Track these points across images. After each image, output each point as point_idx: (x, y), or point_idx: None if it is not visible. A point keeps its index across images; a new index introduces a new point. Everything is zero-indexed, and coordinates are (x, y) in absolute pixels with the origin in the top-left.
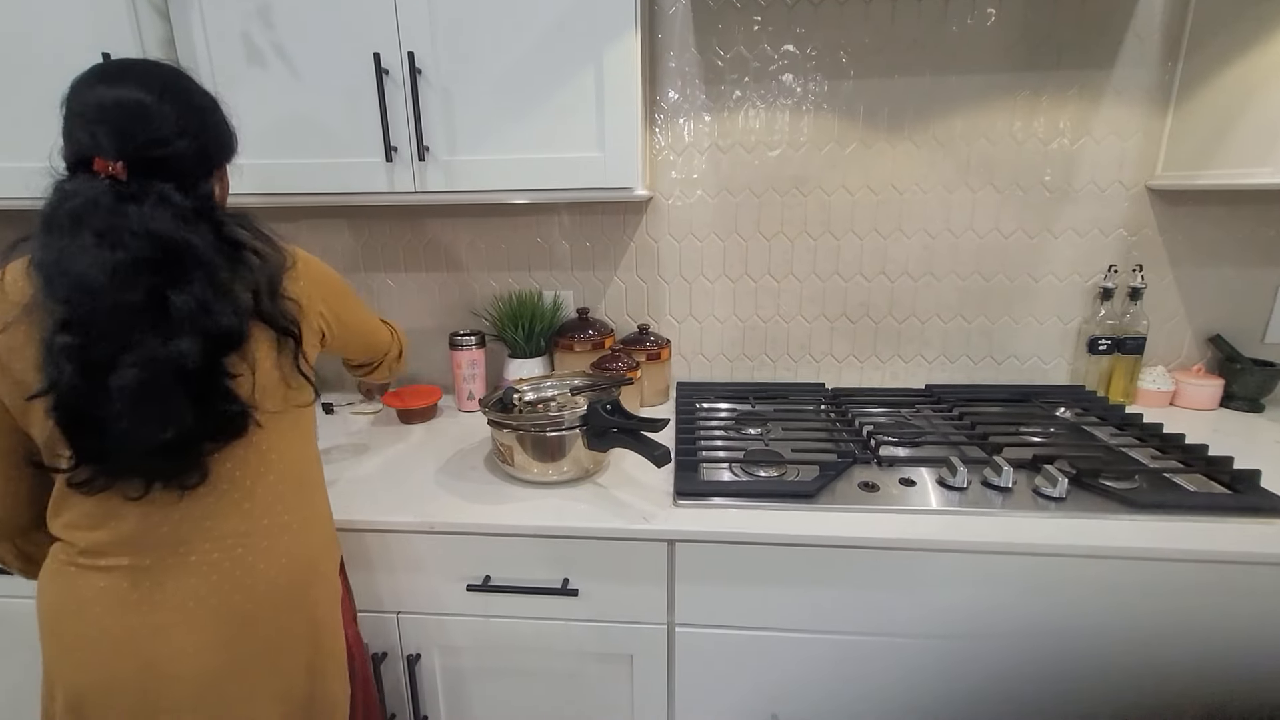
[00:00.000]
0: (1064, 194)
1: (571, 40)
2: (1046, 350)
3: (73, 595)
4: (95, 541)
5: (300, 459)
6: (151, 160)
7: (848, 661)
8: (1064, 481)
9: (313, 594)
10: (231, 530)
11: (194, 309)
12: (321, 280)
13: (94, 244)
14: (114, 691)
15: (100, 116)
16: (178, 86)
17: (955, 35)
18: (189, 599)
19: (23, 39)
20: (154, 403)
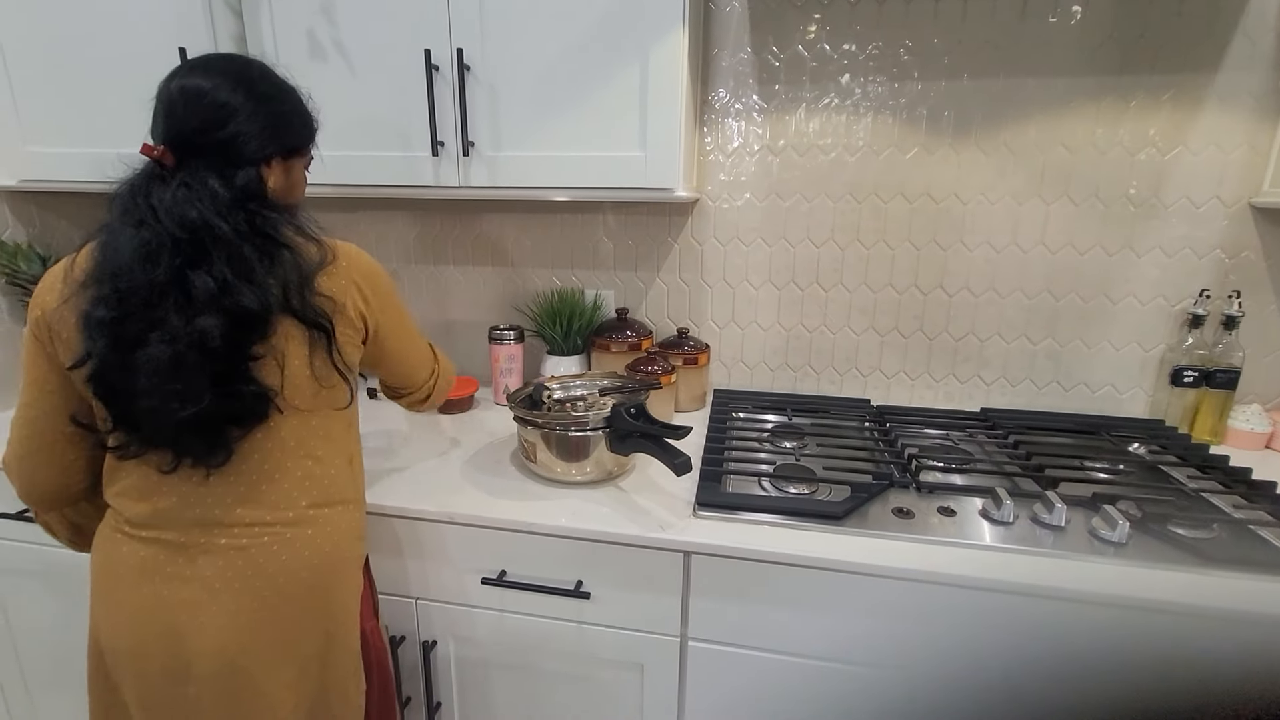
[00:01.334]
0: (1151, 209)
1: (616, 39)
2: (1123, 379)
3: (118, 560)
4: (139, 513)
5: (329, 459)
6: (199, 145)
7: (866, 696)
8: (1124, 525)
9: (332, 591)
10: (258, 518)
11: (214, 289)
12: (366, 278)
13: (131, 225)
14: (143, 655)
15: (163, 104)
16: (243, 76)
17: (1034, 35)
18: (216, 579)
19: (106, 35)
20: (175, 379)
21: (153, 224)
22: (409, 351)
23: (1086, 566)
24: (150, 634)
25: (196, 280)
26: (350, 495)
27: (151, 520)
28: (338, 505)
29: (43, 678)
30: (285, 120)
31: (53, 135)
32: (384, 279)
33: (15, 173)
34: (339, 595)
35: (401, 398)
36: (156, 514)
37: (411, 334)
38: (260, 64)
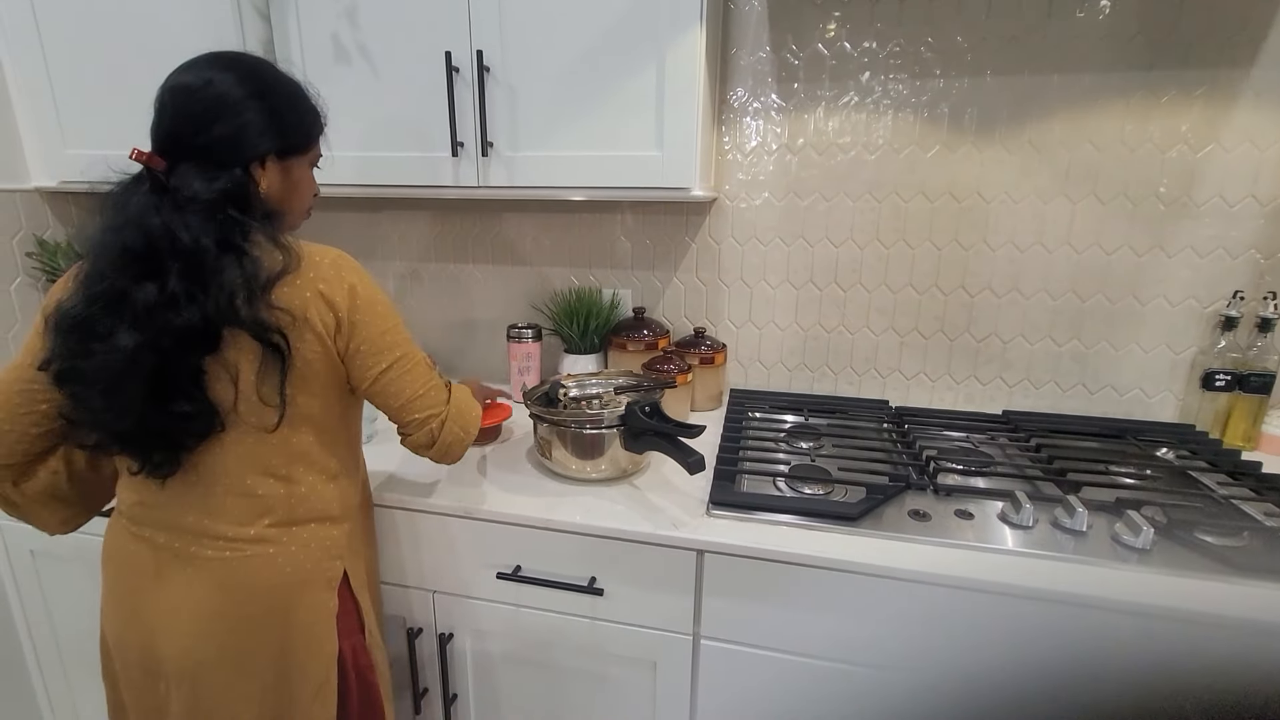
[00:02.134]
0: (1182, 208)
1: (634, 39)
2: (1151, 382)
3: (117, 552)
4: (131, 506)
5: (299, 476)
6: (187, 146)
7: (877, 698)
8: (1149, 531)
9: (291, 613)
10: (220, 532)
11: (153, 303)
12: (336, 286)
13: (111, 230)
14: (125, 647)
15: (156, 106)
16: (234, 71)
17: (1060, 31)
18: (185, 588)
19: (141, 42)
20: (113, 393)
21: (124, 231)
22: (398, 379)
23: (1108, 572)
24: (131, 629)
25: (140, 293)
26: (329, 512)
27: (139, 515)
28: (308, 524)
29: (79, 660)
30: (279, 117)
31: (91, 138)
32: (362, 290)
33: (56, 174)
34: (299, 616)
35: (403, 438)
36: (142, 509)
37: (403, 359)
38: (257, 59)
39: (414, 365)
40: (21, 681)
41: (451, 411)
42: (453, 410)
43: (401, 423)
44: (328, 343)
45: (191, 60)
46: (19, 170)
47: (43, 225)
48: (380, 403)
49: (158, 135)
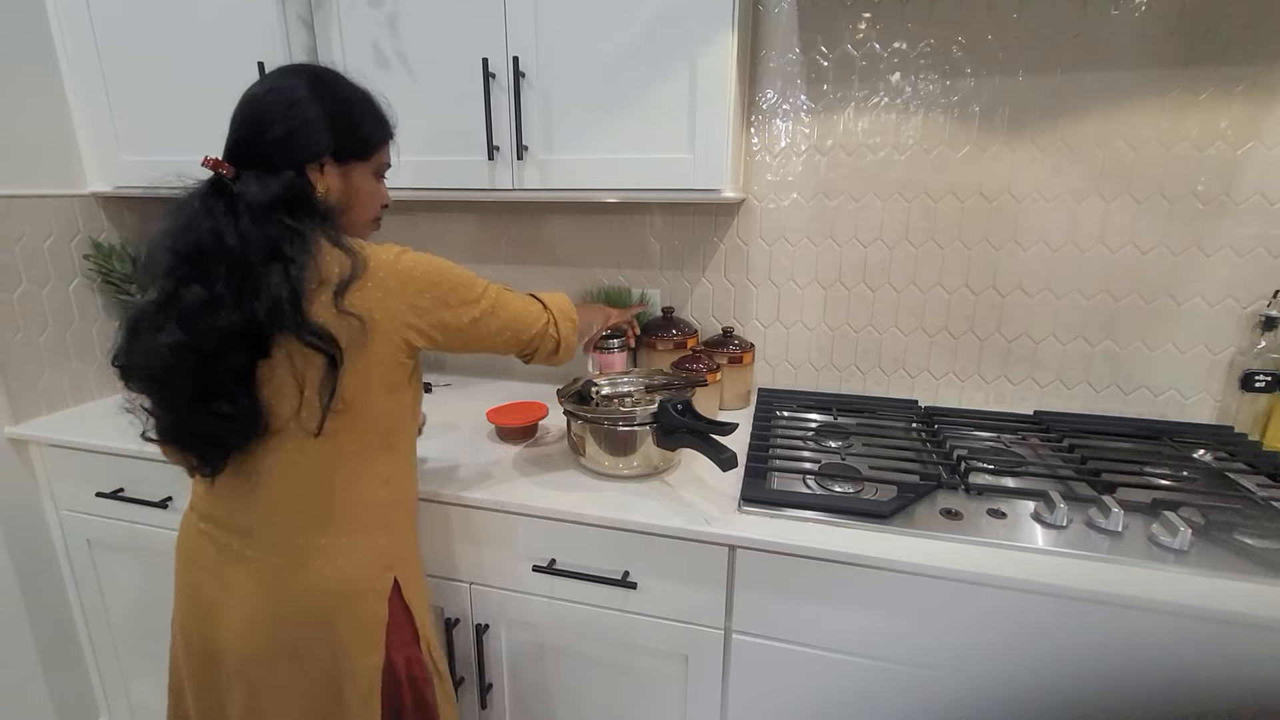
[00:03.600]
0: (1221, 206)
1: (666, 43)
2: (1188, 383)
3: (186, 543)
4: (199, 500)
5: (353, 485)
6: (250, 152)
7: (909, 695)
8: (1186, 532)
9: (338, 625)
10: (274, 538)
11: (198, 305)
12: (406, 282)
13: (170, 234)
14: (192, 636)
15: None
16: (298, 80)
17: (1094, 28)
18: (240, 588)
19: (192, 51)
20: (160, 389)
21: (177, 234)
22: (492, 330)
23: (1145, 573)
24: (196, 620)
25: (187, 294)
26: (380, 521)
27: (202, 511)
28: (359, 534)
29: (131, 644)
30: (337, 121)
31: (144, 144)
32: (429, 275)
33: (111, 179)
34: (346, 627)
35: (529, 359)
36: (204, 506)
37: (491, 308)
38: (323, 69)
39: (499, 299)
40: (77, 664)
41: (554, 312)
42: (554, 310)
43: (524, 346)
44: (400, 341)
45: (266, 74)
46: (76, 176)
47: (98, 229)
48: (491, 346)
49: (227, 143)
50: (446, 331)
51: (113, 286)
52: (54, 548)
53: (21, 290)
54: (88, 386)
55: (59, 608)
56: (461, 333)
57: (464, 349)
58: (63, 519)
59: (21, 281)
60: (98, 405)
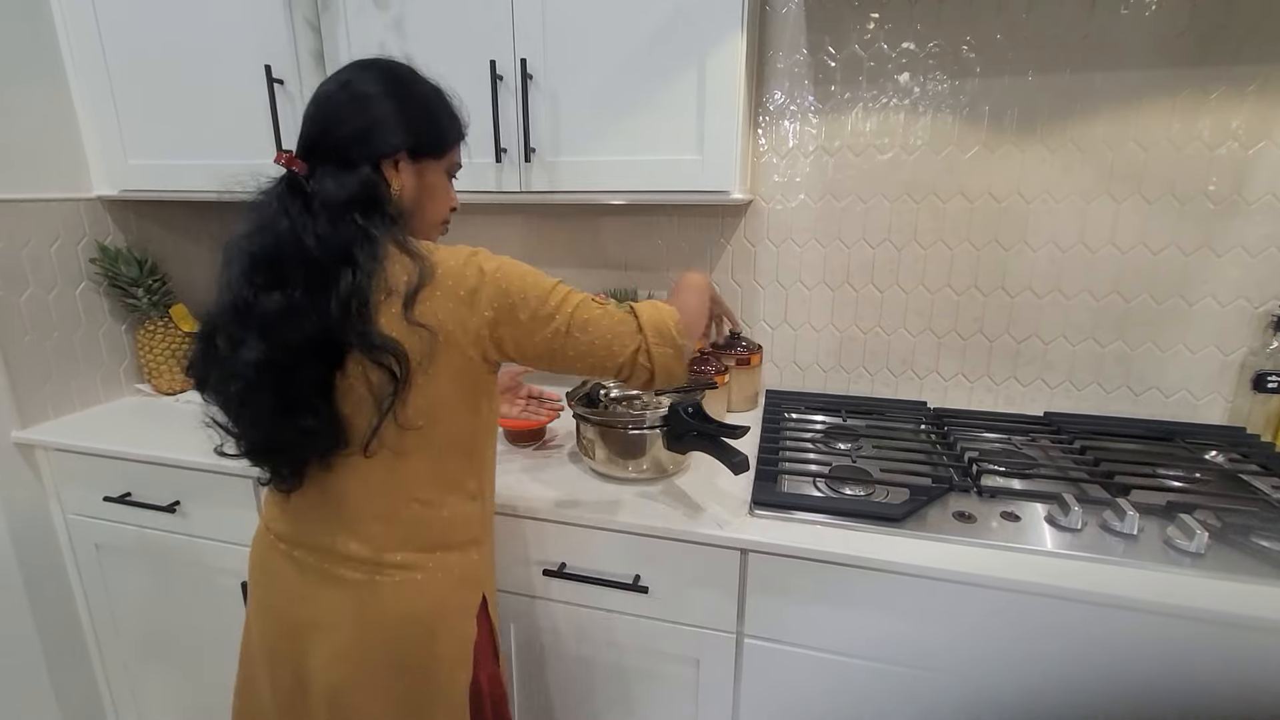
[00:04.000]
0: (1233, 206)
1: (675, 44)
2: (1199, 384)
3: (264, 563)
4: (274, 519)
5: (441, 500)
6: (323, 148)
7: (924, 699)
8: (1202, 535)
9: (434, 642)
10: (363, 555)
11: (277, 313)
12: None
13: (244, 236)
14: (276, 661)
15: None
16: (371, 74)
17: (1104, 28)
18: (331, 609)
19: (200, 56)
20: (243, 405)
21: (254, 237)
22: (576, 348)
23: (1161, 577)
24: (282, 641)
25: (267, 302)
26: (469, 536)
27: (281, 529)
28: (451, 550)
29: (138, 649)
30: (411, 116)
31: (151, 148)
32: (499, 282)
33: (116, 183)
34: (440, 647)
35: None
36: (283, 523)
37: (567, 326)
38: (396, 63)
39: (589, 314)
40: (84, 669)
41: (649, 335)
42: (648, 332)
43: (613, 373)
44: (483, 346)
45: (339, 70)
46: (82, 180)
47: (104, 232)
48: (577, 367)
49: (299, 140)
50: (520, 348)
51: (119, 290)
52: (61, 552)
53: (28, 294)
54: (94, 390)
55: (66, 613)
56: (537, 351)
57: (547, 368)
58: (70, 523)
59: (29, 285)
60: (105, 409)
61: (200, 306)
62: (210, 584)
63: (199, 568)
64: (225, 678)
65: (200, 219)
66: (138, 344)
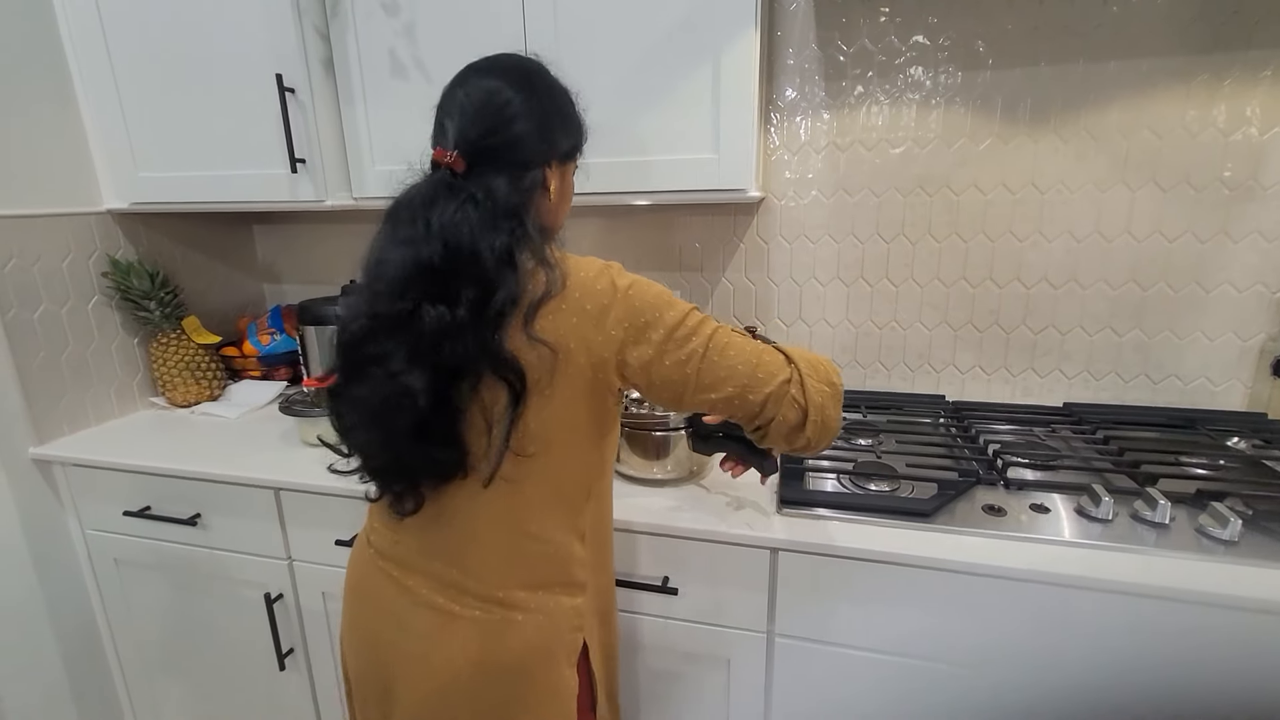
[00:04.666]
0: (1249, 192)
1: (689, 43)
2: (1218, 370)
3: (365, 582)
4: (379, 537)
5: (550, 536)
6: (487, 148)
7: (958, 695)
8: (1236, 522)
9: (534, 688)
10: (467, 586)
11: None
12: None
13: (405, 240)
14: (365, 682)
15: (452, 108)
16: (524, 73)
17: (1116, 17)
18: (428, 640)
19: (208, 66)
20: (379, 425)
21: (422, 244)
22: (713, 376)
23: (1196, 565)
24: (372, 665)
25: (430, 316)
26: (577, 577)
27: (386, 549)
28: (555, 589)
29: (160, 662)
30: (563, 118)
31: (161, 160)
32: (631, 300)
33: (127, 196)
34: (540, 693)
35: (763, 433)
36: (390, 543)
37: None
38: (538, 63)
39: (728, 338)
40: (106, 684)
41: (800, 366)
42: (800, 364)
43: (753, 414)
44: (607, 370)
45: (479, 64)
46: (92, 194)
47: (114, 246)
48: (711, 399)
49: (458, 137)
50: (647, 374)
51: (131, 303)
52: (80, 568)
53: (41, 310)
54: (108, 405)
55: (87, 628)
56: (666, 378)
57: (674, 405)
58: (88, 539)
59: (41, 301)
60: (120, 423)
61: (212, 318)
62: (233, 596)
63: (222, 580)
64: (248, 689)
65: (210, 230)
66: (151, 357)
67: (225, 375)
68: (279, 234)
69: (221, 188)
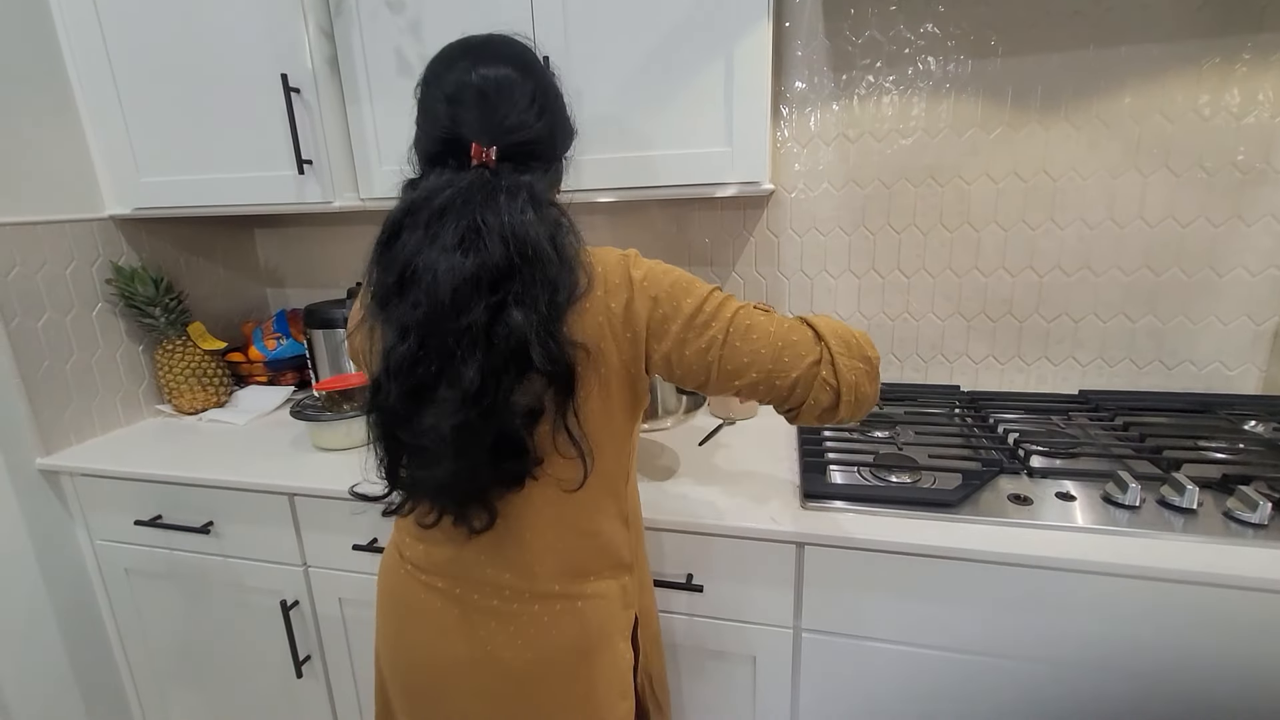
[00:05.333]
0: (1262, 176)
1: (700, 35)
2: (1232, 355)
3: (407, 598)
4: (418, 554)
5: (597, 528)
6: (515, 145)
7: (987, 684)
8: (1265, 505)
9: (595, 670)
10: (523, 587)
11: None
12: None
13: (454, 244)
14: (415, 695)
15: (469, 95)
16: (531, 62)
17: (1126, 1)
18: (484, 645)
19: (211, 67)
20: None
21: (482, 249)
22: (738, 360)
23: (1227, 550)
24: (424, 681)
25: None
26: (624, 559)
27: (430, 565)
28: (607, 575)
29: (171, 671)
30: (564, 112)
31: (164, 165)
32: (656, 285)
33: (130, 201)
34: (601, 672)
35: (797, 413)
36: (436, 559)
37: (736, 317)
38: (525, 44)
39: (751, 319)
40: (116, 694)
41: (831, 343)
42: (830, 340)
43: (782, 397)
44: (632, 365)
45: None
46: (94, 200)
47: (117, 252)
48: (738, 384)
49: (485, 130)
50: (669, 364)
51: (135, 310)
52: (89, 578)
53: (46, 318)
54: (114, 413)
55: (97, 639)
56: (690, 366)
57: (701, 388)
58: (98, 549)
59: (45, 310)
60: (127, 432)
61: (216, 324)
62: (247, 604)
63: (235, 588)
64: (264, 697)
65: (212, 234)
66: (156, 364)
67: (231, 381)
68: (281, 237)
69: (226, 191)
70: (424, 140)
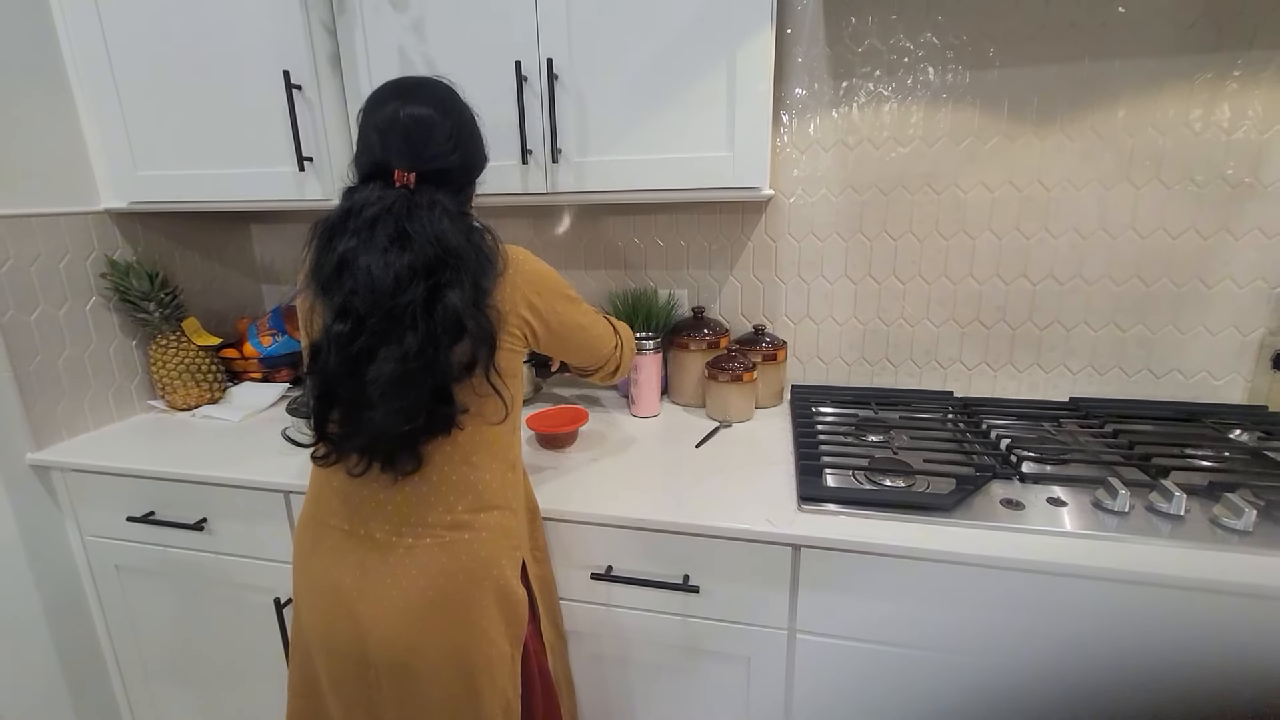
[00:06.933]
0: (1250, 190)
1: (704, 40)
2: (1219, 365)
3: (316, 545)
4: (327, 499)
5: (486, 465)
6: (431, 171)
7: (979, 686)
8: (1251, 513)
9: (485, 597)
10: (427, 521)
11: (458, 310)
12: (533, 283)
13: (385, 245)
14: (330, 636)
15: (396, 130)
16: (452, 103)
17: (1122, 16)
18: (390, 576)
19: (211, 63)
20: (401, 397)
21: (412, 249)
22: (587, 338)
23: (1213, 556)
24: (337, 618)
25: (447, 302)
26: (508, 502)
27: (346, 513)
28: (493, 511)
29: (161, 668)
30: (479, 144)
31: (161, 159)
32: (551, 280)
33: (126, 195)
34: (495, 596)
35: (591, 374)
36: (355, 507)
37: (585, 322)
38: (454, 90)
39: (593, 324)
40: (105, 692)
41: (623, 338)
42: (623, 337)
43: (589, 367)
44: (521, 334)
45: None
46: (90, 193)
47: (112, 246)
48: (578, 355)
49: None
50: (557, 320)
51: (129, 305)
52: (79, 575)
53: (39, 312)
54: (106, 408)
55: (86, 637)
56: (567, 330)
57: (559, 350)
58: (88, 545)
59: (39, 303)
60: (119, 427)
61: (210, 319)
62: (240, 601)
63: (228, 585)
64: (255, 696)
65: (208, 230)
66: (150, 359)
67: (226, 377)
68: (277, 233)
69: (225, 186)
70: (361, 159)
